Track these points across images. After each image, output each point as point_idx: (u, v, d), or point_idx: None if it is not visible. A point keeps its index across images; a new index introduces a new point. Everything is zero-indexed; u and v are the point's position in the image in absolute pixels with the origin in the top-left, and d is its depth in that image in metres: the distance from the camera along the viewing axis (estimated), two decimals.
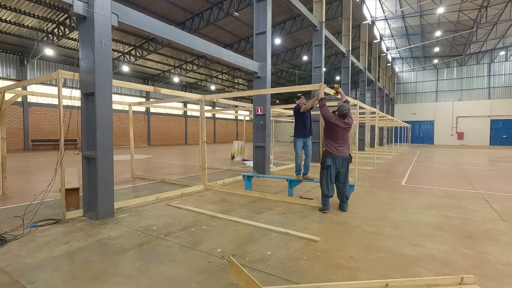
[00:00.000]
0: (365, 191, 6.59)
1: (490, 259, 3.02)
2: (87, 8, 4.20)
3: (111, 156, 4.45)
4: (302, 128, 6.07)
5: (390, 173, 9.63)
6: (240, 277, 2.27)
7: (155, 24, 5.40)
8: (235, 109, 13.39)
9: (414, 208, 5.09)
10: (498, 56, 31.10)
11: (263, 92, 7.05)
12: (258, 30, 8.58)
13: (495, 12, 20.88)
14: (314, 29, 12.27)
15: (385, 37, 27.46)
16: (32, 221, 4.12)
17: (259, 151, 8.71)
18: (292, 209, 4.97)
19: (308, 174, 6.16)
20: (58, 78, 4.24)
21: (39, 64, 20.60)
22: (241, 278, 2.27)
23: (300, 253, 3.16)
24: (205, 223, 4.17)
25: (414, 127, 35.73)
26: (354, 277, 2.64)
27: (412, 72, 35.99)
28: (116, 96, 25.75)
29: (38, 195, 5.37)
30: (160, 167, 11.12)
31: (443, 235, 3.75)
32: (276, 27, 21.06)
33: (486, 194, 6.29)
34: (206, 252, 3.17)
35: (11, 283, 2.50)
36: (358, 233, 3.79)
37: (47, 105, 20.81)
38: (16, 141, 19.35)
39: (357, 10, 18.85)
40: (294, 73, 32.26)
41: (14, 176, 8.43)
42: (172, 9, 17.32)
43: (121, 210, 4.82)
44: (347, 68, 16.18)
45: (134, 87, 5.72)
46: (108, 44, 4.37)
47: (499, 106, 31.06)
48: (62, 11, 15.25)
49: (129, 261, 2.96)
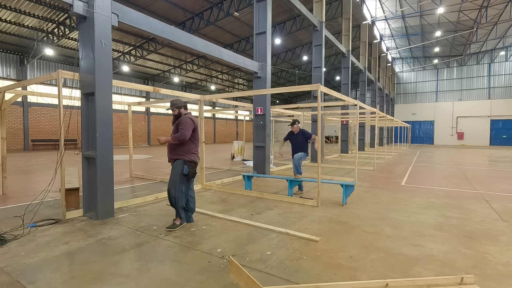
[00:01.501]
0: (365, 191, 6.59)
1: (490, 259, 3.02)
2: (87, 8, 4.20)
3: (111, 156, 4.45)
4: (295, 149, 6.51)
5: (390, 173, 9.63)
6: (240, 277, 2.27)
7: (155, 24, 5.40)
8: (235, 109, 13.38)
9: (414, 208, 5.09)
10: (498, 56, 31.10)
11: (263, 92, 7.04)
12: (258, 30, 8.58)
13: (495, 12, 20.88)
14: (314, 29, 12.27)
15: (385, 37, 27.46)
16: (32, 221, 4.12)
17: (259, 151, 8.71)
18: (292, 209, 4.97)
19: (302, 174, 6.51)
20: (58, 78, 4.24)
21: (39, 64, 20.60)
22: (241, 278, 2.27)
23: (300, 253, 3.16)
24: (205, 223, 4.17)
25: (414, 127, 35.73)
26: (354, 277, 2.64)
27: (412, 72, 35.99)
28: (116, 96, 25.75)
29: (38, 195, 5.37)
30: (160, 167, 11.12)
31: (443, 235, 3.75)
32: (276, 27, 21.07)
33: (486, 194, 6.29)
34: (206, 252, 3.17)
35: (11, 283, 2.50)
36: (358, 233, 3.79)
37: (47, 105, 20.82)
38: (16, 141, 19.35)
39: (357, 10, 18.85)
40: (294, 73, 32.27)
41: (14, 176, 8.43)
42: (172, 9, 17.32)
43: (121, 210, 4.82)
44: (347, 68, 16.19)
45: (134, 87, 5.72)
46: (108, 44, 4.38)
47: (499, 106, 31.06)
48: (62, 11, 15.25)
49: (129, 261, 2.96)
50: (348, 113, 15.53)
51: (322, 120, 13.23)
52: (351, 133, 20.46)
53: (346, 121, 16.96)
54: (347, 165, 11.64)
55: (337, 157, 15.82)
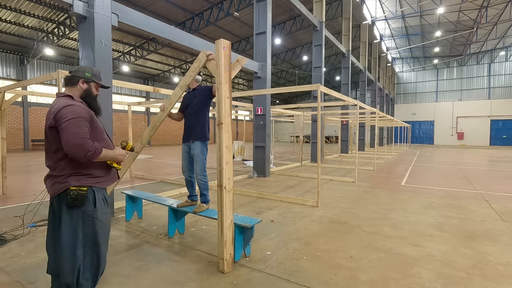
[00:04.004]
0: (365, 191, 6.59)
1: (490, 259, 3.02)
2: (87, 8, 4.20)
3: None
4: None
5: (390, 173, 9.63)
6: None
7: (155, 24, 5.40)
8: (235, 109, 13.38)
9: (414, 208, 5.09)
10: (498, 56, 31.09)
11: (263, 92, 7.05)
12: (258, 30, 8.58)
13: (495, 12, 20.88)
14: (314, 29, 12.27)
15: (385, 37, 27.45)
16: (32, 221, 4.12)
17: (259, 151, 8.72)
18: (292, 209, 4.97)
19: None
20: (58, 78, 4.24)
21: (39, 64, 20.59)
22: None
23: (300, 253, 3.16)
24: (205, 223, 4.17)
25: (414, 127, 35.72)
26: (354, 277, 2.64)
27: (412, 72, 35.98)
28: (116, 96, 25.74)
29: (38, 195, 5.37)
30: (160, 167, 11.11)
31: (443, 235, 3.75)
32: (276, 27, 21.06)
33: (486, 194, 6.29)
34: (206, 252, 3.17)
35: (11, 283, 2.50)
36: (358, 233, 3.79)
37: (47, 105, 20.79)
38: (16, 141, 19.34)
39: (357, 10, 18.84)
40: (294, 73, 32.26)
41: (14, 176, 8.43)
42: (172, 9, 17.32)
43: (121, 210, 4.82)
44: (347, 68, 16.19)
45: (134, 87, 5.72)
46: (108, 44, 4.38)
47: (499, 106, 31.05)
48: (62, 11, 15.24)
49: (129, 261, 2.96)
50: (348, 113, 15.52)
51: (322, 120, 13.23)
52: (351, 133, 20.45)
53: (346, 121, 16.96)
54: (347, 165, 11.64)
55: (337, 157, 15.82)
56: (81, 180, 1.86)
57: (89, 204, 1.87)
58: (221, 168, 2.73)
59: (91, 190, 1.89)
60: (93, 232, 1.88)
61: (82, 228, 1.85)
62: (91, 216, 1.88)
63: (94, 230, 1.89)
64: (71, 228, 1.83)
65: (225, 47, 2.72)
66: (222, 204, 2.72)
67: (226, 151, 2.75)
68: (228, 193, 2.77)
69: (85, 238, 1.86)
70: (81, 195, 1.83)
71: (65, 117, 1.78)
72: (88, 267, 1.88)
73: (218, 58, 2.74)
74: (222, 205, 2.72)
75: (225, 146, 2.75)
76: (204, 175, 3.45)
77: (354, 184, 7.48)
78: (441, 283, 2.53)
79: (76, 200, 1.81)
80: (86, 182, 1.88)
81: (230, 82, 2.84)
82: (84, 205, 1.85)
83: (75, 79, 1.99)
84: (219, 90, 2.78)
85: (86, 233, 1.86)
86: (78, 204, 1.83)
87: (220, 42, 2.70)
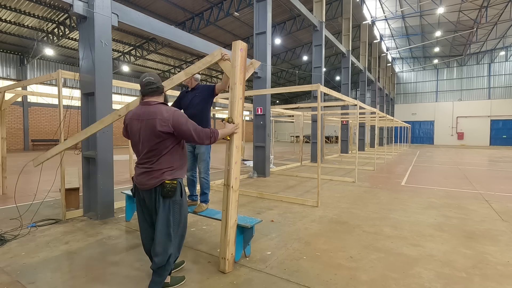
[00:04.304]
0: (365, 191, 6.59)
1: (490, 259, 3.02)
2: (87, 8, 4.20)
3: (111, 156, 4.45)
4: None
5: (390, 173, 9.63)
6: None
7: (155, 24, 5.40)
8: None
9: (414, 208, 5.09)
10: (498, 56, 31.10)
11: (263, 92, 7.05)
12: (258, 30, 8.58)
13: (495, 12, 20.88)
14: (314, 29, 12.27)
15: (385, 37, 27.46)
16: (32, 221, 4.12)
17: (259, 151, 8.72)
18: (292, 209, 4.97)
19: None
20: (58, 78, 4.24)
21: (39, 64, 20.59)
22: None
23: (300, 253, 3.16)
24: (205, 223, 4.17)
25: (414, 127, 35.73)
26: (354, 277, 2.64)
27: (412, 72, 35.98)
28: (116, 96, 25.72)
29: (38, 195, 5.37)
30: None
31: (443, 235, 3.75)
32: (276, 27, 21.06)
33: (486, 194, 6.29)
34: (206, 252, 3.17)
35: (11, 283, 2.50)
36: (358, 233, 3.79)
37: (47, 105, 20.79)
38: (16, 141, 19.34)
39: (357, 10, 18.85)
40: (294, 73, 32.26)
41: (14, 176, 8.42)
42: (172, 9, 17.32)
43: (121, 210, 4.82)
44: (347, 68, 16.19)
45: (134, 87, 5.70)
46: (108, 44, 4.38)
47: (499, 106, 31.06)
48: (62, 11, 15.24)
49: (129, 261, 2.96)
50: (348, 113, 15.53)
51: (322, 120, 13.23)
52: (351, 133, 20.46)
53: (346, 121, 16.96)
54: (347, 165, 11.64)
55: (337, 157, 15.82)
56: (173, 174, 2.26)
57: (177, 194, 2.27)
58: (230, 168, 2.74)
59: (178, 182, 2.28)
60: (180, 216, 2.32)
61: (172, 214, 2.26)
62: (179, 204, 2.30)
63: (181, 215, 2.32)
64: (164, 215, 2.24)
65: (242, 48, 2.73)
66: (228, 204, 2.72)
67: (235, 151, 2.75)
68: (235, 192, 2.77)
69: (173, 223, 2.27)
70: (174, 187, 2.23)
71: (183, 120, 2.23)
72: (177, 247, 2.34)
73: (234, 59, 2.74)
74: (228, 204, 2.72)
75: (235, 146, 2.75)
76: (207, 174, 3.52)
77: (354, 184, 7.48)
78: (441, 283, 2.53)
79: (170, 192, 2.21)
80: (176, 175, 2.28)
81: (244, 83, 2.84)
82: (175, 195, 2.24)
83: (161, 89, 2.36)
84: (233, 90, 2.77)
85: (175, 219, 2.28)
86: (171, 195, 2.22)
87: (237, 43, 2.72)
